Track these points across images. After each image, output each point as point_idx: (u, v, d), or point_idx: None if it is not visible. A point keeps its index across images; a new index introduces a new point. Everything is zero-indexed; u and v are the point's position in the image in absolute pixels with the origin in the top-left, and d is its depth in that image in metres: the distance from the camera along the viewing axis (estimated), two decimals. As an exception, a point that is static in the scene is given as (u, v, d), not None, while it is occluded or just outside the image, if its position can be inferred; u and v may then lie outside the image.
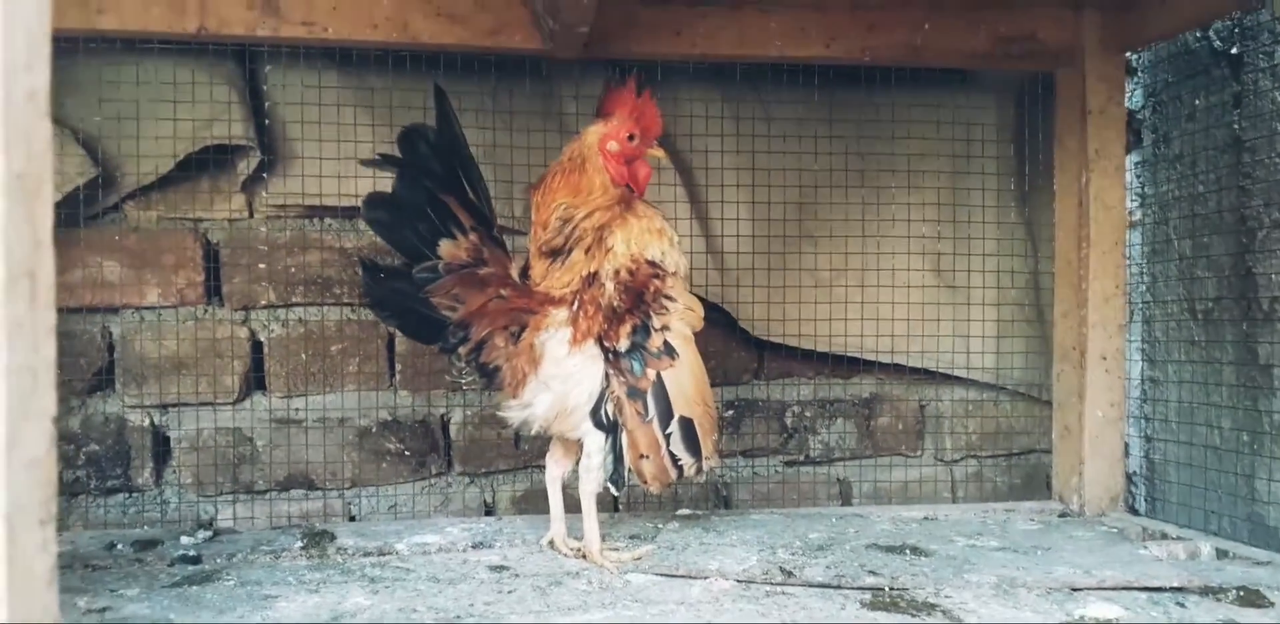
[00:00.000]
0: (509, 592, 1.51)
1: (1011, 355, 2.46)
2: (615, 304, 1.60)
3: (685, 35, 2.09)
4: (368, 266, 1.68)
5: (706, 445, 1.61)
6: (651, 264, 1.63)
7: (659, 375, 1.59)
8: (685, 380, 1.60)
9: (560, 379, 1.61)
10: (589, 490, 1.65)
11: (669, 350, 1.59)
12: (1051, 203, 2.29)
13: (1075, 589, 1.52)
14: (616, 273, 1.62)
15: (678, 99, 2.32)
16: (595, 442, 1.63)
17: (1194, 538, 1.88)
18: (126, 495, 2.16)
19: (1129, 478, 2.53)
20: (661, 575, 1.60)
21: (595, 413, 1.61)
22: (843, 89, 2.38)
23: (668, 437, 1.58)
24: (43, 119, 0.63)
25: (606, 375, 1.61)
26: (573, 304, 1.62)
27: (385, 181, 1.68)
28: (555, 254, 1.67)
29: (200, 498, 2.17)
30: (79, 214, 2.08)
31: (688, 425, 1.59)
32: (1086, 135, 2.19)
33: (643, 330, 1.59)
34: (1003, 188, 2.47)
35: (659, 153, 1.73)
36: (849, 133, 2.40)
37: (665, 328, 1.60)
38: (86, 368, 2.14)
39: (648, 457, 1.59)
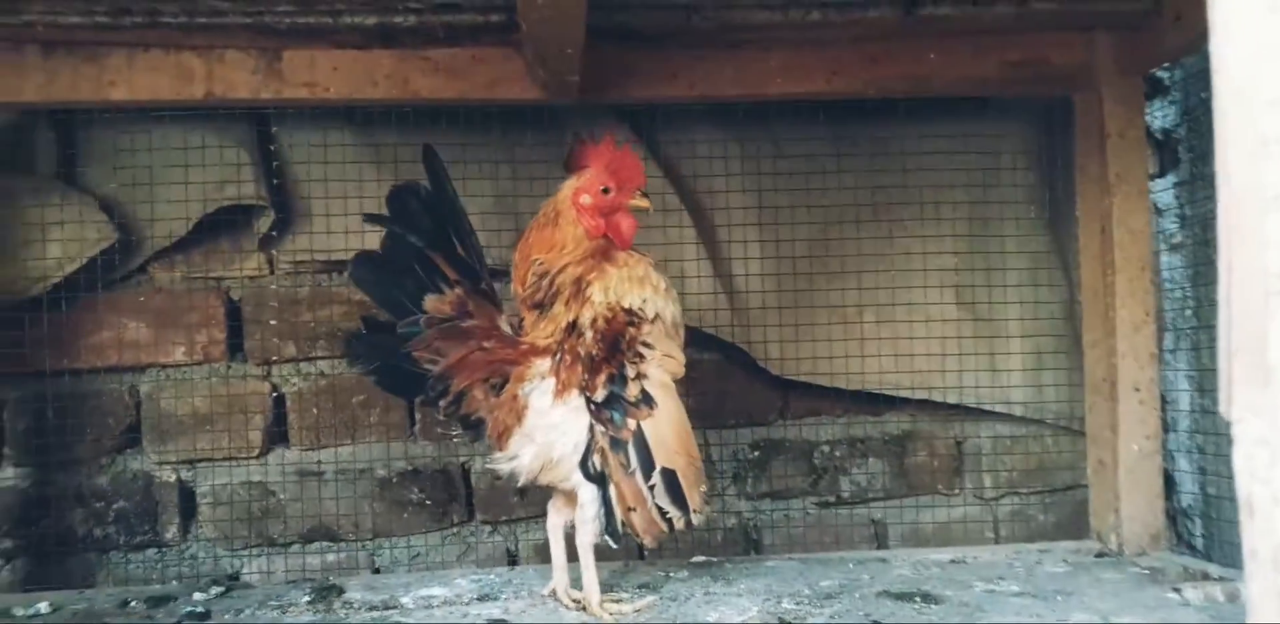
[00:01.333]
0: (500, 648, 1.49)
1: (1050, 387, 2.36)
2: (593, 353, 1.58)
3: (683, 77, 2.08)
4: (368, 322, 1.71)
5: (693, 498, 1.57)
6: (628, 312, 1.61)
7: (639, 426, 1.56)
8: (665, 430, 1.57)
9: (544, 430, 1.60)
10: (585, 542, 1.63)
11: (647, 399, 1.56)
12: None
13: (1088, 639, 1.44)
14: (594, 321, 1.61)
15: (680, 141, 2.31)
16: (588, 493, 1.61)
17: (1237, 579, 1.77)
18: (155, 551, 2.19)
19: (1184, 514, 2.40)
20: (659, 629, 1.56)
21: (583, 464, 1.59)
22: (853, 122, 2.35)
23: (651, 489, 1.55)
24: None
25: (591, 426, 1.58)
26: (556, 354, 1.61)
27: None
28: (539, 306, 1.66)
29: (226, 552, 2.20)
30: (101, 278, 2.15)
31: (670, 477, 1.55)
32: (1107, 159, 2.11)
33: (619, 379, 1.56)
34: (1028, 216, 2.40)
35: (643, 204, 1.69)
36: (861, 167, 2.36)
37: (642, 376, 1.57)
38: (114, 426, 2.20)
39: (635, 509, 1.56)
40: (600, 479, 1.58)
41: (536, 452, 1.61)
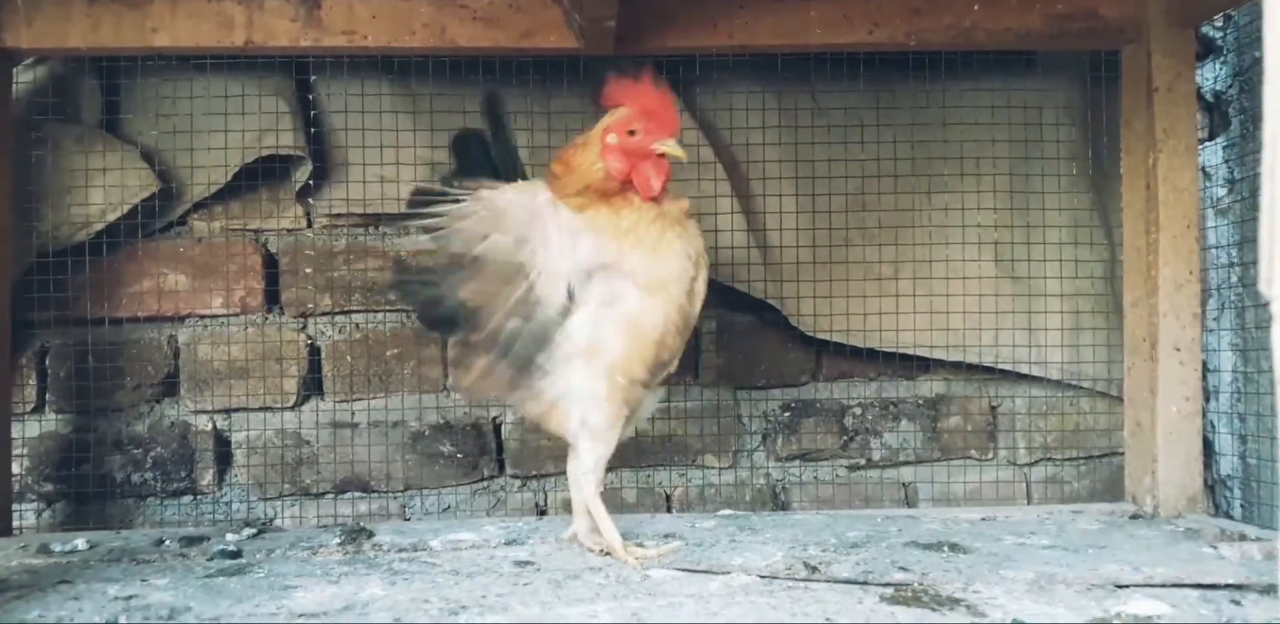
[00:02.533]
0: (525, 584, 1.49)
1: (1088, 349, 2.32)
2: None
3: (722, 27, 2.06)
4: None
5: None
6: None
7: None
8: None
9: None
10: (591, 493, 1.64)
11: None
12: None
13: (1120, 586, 1.41)
14: None
15: (718, 93, 2.29)
16: (584, 443, 1.63)
17: (1275, 539, 1.73)
18: (190, 497, 2.23)
19: (1222, 484, 2.35)
20: (683, 571, 1.56)
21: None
22: (894, 77, 2.31)
23: None
24: None
25: None
26: None
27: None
28: None
29: (260, 499, 2.23)
30: (142, 227, 2.18)
31: None
32: (1154, 114, 2.07)
33: None
34: (1071, 173, 2.35)
35: (676, 152, 1.62)
36: (902, 121, 2.32)
37: None
38: (154, 374, 2.23)
39: None
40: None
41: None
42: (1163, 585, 1.41)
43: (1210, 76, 2.41)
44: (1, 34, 1.93)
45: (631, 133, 1.62)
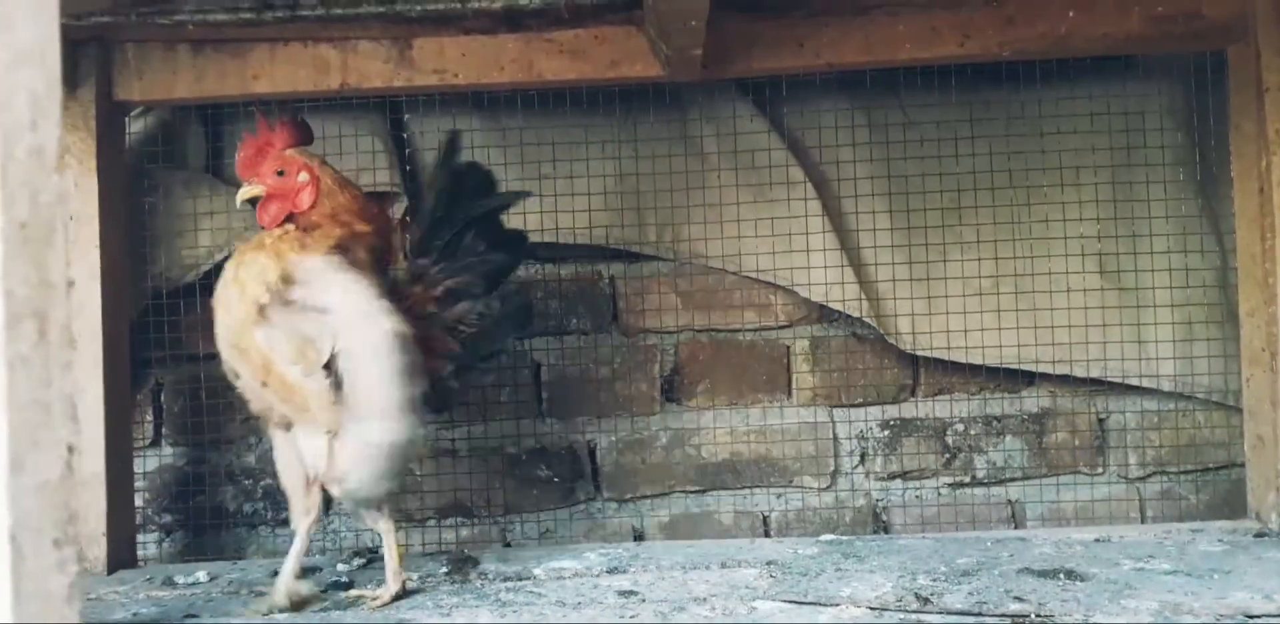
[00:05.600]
0: (631, 617, 1.50)
1: (1201, 360, 2.24)
2: None
3: (808, 46, 2.05)
4: None
5: None
6: None
7: None
8: None
9: None
10: None
11: None
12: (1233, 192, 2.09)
13: (1251, 616, 1.36)
14: None
15: (805, 112, 2.28)
16: None
17: None
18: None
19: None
20: (789, 602, 1.54)
21: None
22: (986, 87, 2.27)
23: None
24: (50, 173, 0.68)
25: None
26: None
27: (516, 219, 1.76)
28: None
29: (365, 527, 2.28)
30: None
31: None
32: (1264, 116, 1.98)
33: None
34: (1177, 179, 2.27)
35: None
36: (996, 132, 2.27)
37: None
38: (263, 405, 2.30)
39: None
40: None
41: None
42: (1298, 617, 1.35)
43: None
44: (114, 88, 2.02)
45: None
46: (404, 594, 1.68)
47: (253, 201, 1.72)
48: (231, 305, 1.63)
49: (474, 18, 1.98)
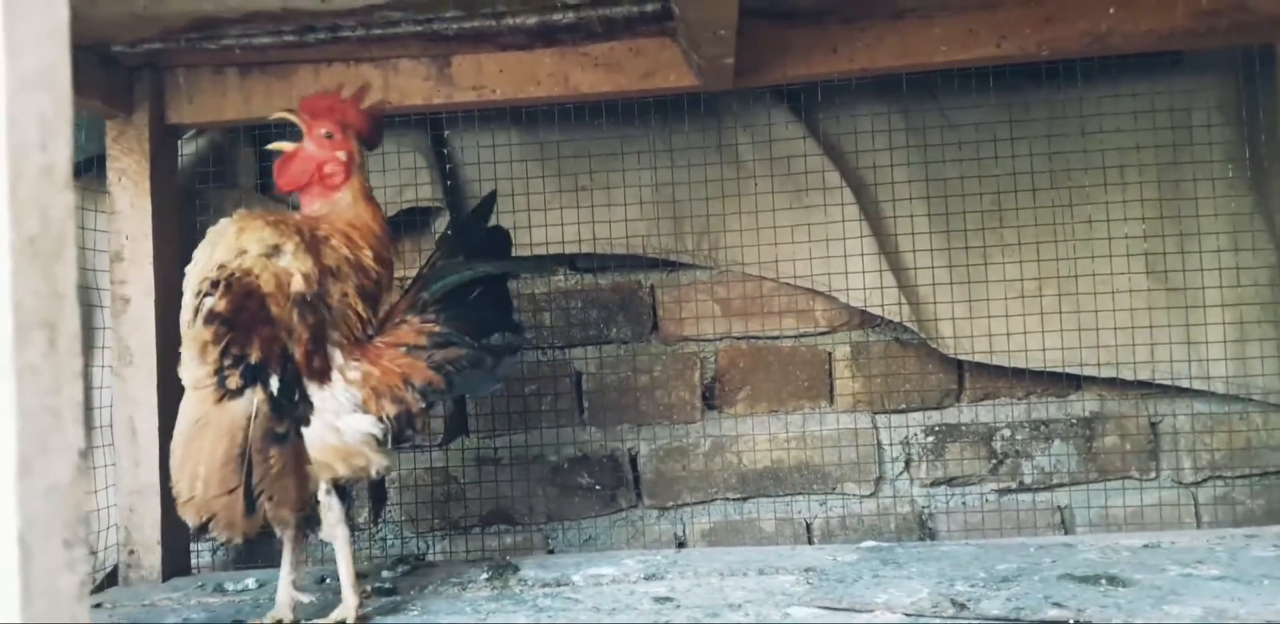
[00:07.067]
0: (665, 621, 1.51)
1: (1256, 361, 2.18)
2: None
3: (842, 51, 2.04)
4: None
5: None
6: None
7: None
8: None
9: None
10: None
11: None
12: (1285, 188, 2.04)
13: (1296, 625, 1.32)
14: None
15: (841, 117, 2.28)
16: None
17: None
18: (349, 533, 2.33)
19: None
20: (824, 608, 1.53)
21: None
22: (1026, 87, 2.24)
23: None
24: (59, 191, 0.71)
25: None
26: None
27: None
28: None
29: (412, 534, 2.33)
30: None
31: None
32: (1314, 109, 1.93)
33: None
34: (1228, 175, 2.22)
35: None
36: (1037, 133, 2.25)
37: None
38: (313, 416, 2.36)
39: None
40: None
41: None
42: (1346, 625, 1.31)
43: (1379, 62, 2.23)
44: (166, 112, 2.10)
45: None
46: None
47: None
48: None
49: (510, 34, 2.02)
